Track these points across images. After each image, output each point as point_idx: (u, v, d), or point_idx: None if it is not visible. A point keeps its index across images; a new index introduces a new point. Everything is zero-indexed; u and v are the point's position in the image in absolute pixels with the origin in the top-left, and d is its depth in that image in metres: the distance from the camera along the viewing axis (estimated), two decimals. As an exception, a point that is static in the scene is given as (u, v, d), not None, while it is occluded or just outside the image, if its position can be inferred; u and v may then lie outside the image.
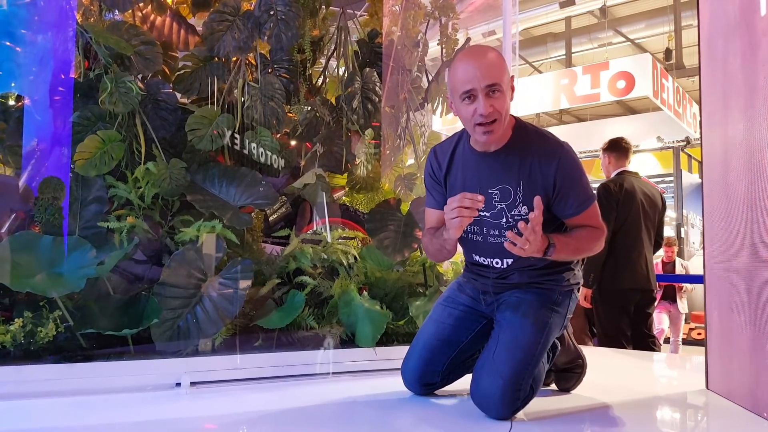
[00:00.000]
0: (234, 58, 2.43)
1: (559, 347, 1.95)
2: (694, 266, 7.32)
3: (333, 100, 2.62)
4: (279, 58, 2.44)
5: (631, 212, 3.40)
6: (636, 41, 11.79)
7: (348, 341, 2.33)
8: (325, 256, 2.44)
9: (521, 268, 1.83)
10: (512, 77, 1.73)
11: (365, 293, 2.43)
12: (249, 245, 2.45)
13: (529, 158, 1.72)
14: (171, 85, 2.42)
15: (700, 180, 10.16)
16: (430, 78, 2.83)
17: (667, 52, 11.06)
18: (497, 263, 1.85)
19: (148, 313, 2.13)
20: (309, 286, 2.35)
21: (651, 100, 9.13)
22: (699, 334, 8.19)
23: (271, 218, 2.89)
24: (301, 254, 2.41)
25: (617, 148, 3.60)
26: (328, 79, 2.84)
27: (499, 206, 1.75)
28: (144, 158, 2.28)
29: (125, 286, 2.25)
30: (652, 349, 3.43)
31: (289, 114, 2.68)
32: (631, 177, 3.51)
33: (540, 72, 11.90)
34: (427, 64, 2.80)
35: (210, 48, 2.30)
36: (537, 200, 1.59)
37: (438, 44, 2.75)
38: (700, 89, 2.08)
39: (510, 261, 1.82)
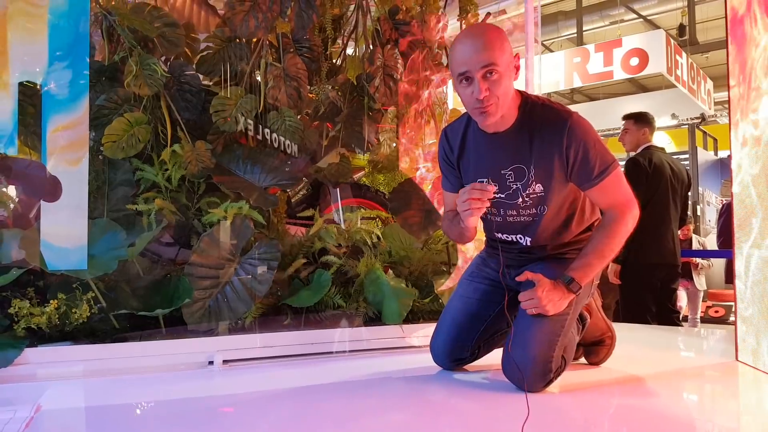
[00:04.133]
0: (255, 39, 2.42)
1: (588, 319, 1.95)
2: (711, 243, 7.28)
3: (354, 80, 2.62)
4: (300, 37, 2.44)
5: (660, 187, 3.38)
6: (648, 18, 11.63)
7: (375, 319, 2.35)
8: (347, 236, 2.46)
9: (544, 245, 1.83)
10: (516, 55, 1.67)
11: (390, 272, 2.44)
12: (275, 226, 2.47)
13: (538, 135, 1.66)
14: (194, 66, 2.42)
15: (715, 157, 10.10)
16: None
17: (681, 28, 10.92)
18: (520, 239, 1.84)
19: (179, 294, 2.17)
20: (335, 265, 2.37)
21: (664, 78, 9.02)
22: (716, 312, 8.17)
23: (293, 200, 2.90)
24: (326, 234, 2.42)
25: (643, 120, 3.56)
26: (347, 59, 2.83)
27: (514, 186, 1.72)
28: (170, 140, 2.29)
29: (154, 267, 2.28)
30: (677, 325, 3.43)
31: (309, 95, 2.68)
32: (659, 152, 3.49)
33: (551, 51, 11.78)
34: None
35: (232, 28, 2.30)
36: (530, 276, 1.66)
37: (458, 20, 2.73)
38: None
39: (530, 238, 1.81)
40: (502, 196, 1.75)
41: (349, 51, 2.83)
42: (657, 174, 3.39)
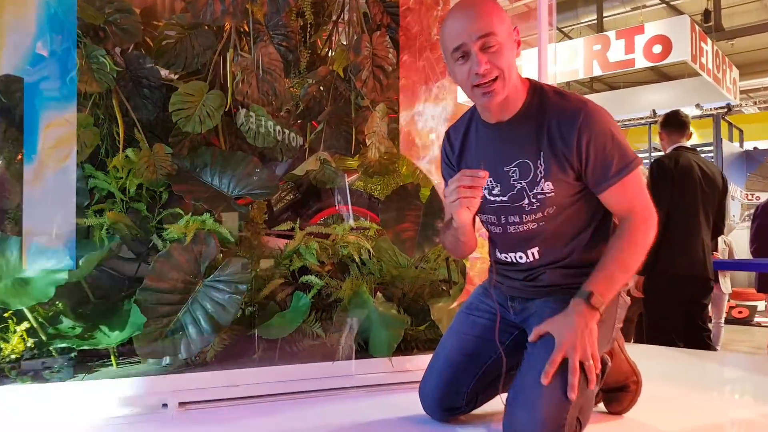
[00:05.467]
0: (225, 26, 2.11)
1: (609, 363, 1.62)
2: (737, 241, 6.89)
3: (341, 72, 2.29)
4: (276, 23, 2.12)
5: (688, 191, 3.04)
6: (672, 3, 11.13)
7: (360, 350, 2.04)
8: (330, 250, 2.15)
9: (552, 264, 1.52)
10: (515, 29, 1.44)
11: (379, 294, 2.13)
12: (248, 241, 2.16)
13: (547, 123, 1.43)
14: (153, 58, 2.11)
15: (741, 149, 9.66)
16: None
17: (706, 14, 10.43)
18: (521, 258, 1.55)
19: (130, 323, 1.88)
20: (315, 287, 2.06)
21: (688, 66, 8.56)
22: (740, 312, 7.80)
23: (276, 207, 2.59)
24: (306, 250, 2.11)
25: (669, 122, 3.26)
26: (339, 47, 2.50)
27: (519, 185, 1.46)
28: (123, 144, 1.99)
29: (107, 290, 1.99)
30: (707, 345, 3.08)
31: (292, 89, 2.36)
32: (689, 153, 3.14)
33: (570, 38, 11.33)
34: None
35: (195, 14, 1.98)
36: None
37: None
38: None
39: (535, 251, 1.52)
40: (505, 198, 1.49)
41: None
42: (684, 177, 3.04)
